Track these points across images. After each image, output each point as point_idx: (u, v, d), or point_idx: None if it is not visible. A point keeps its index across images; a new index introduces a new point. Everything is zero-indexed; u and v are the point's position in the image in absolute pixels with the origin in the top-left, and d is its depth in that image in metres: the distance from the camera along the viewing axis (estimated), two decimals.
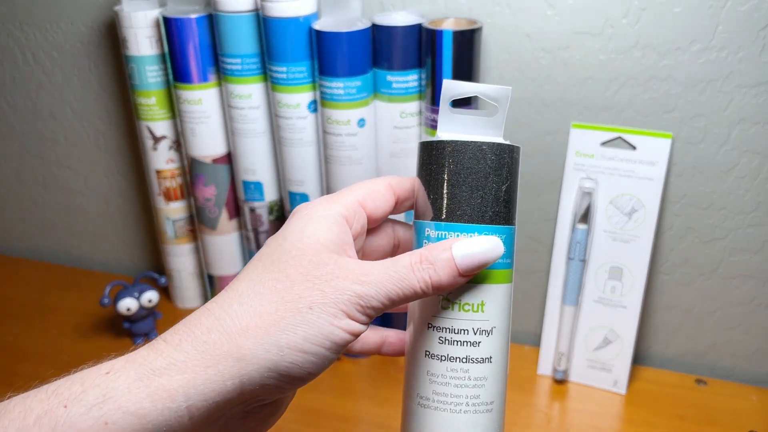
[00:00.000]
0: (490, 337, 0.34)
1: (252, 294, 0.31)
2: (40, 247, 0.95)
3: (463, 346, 0.34)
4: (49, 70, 0.82)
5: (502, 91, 0.34)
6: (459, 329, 0.34)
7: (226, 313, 0.30)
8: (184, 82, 0.68)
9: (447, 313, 0.34)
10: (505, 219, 0.34)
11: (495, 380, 0.34)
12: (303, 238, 0.32)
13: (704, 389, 0.68)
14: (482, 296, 0.34)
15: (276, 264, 0.31)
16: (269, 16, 0.61)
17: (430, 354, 0.34)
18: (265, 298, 0.30)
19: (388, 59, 0.62)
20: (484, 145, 0.33)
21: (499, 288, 0.34)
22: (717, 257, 0.67)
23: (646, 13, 0.59)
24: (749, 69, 0.59)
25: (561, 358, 0.69)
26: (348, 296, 0.30)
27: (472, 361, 0.34)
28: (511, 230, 0.34)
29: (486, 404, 0.34)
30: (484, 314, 0.34)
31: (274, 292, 0.30)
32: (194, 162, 0.72)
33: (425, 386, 0.34)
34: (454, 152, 0.33)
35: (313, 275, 0.31)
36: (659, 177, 0.63)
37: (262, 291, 0.31)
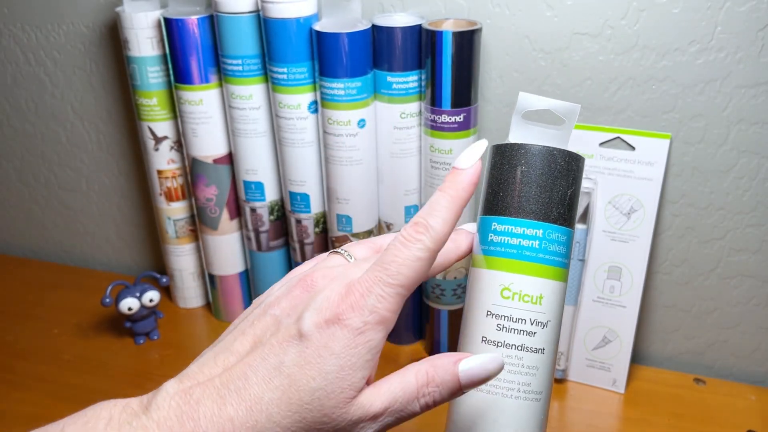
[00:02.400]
0: (545, 330, 0.35)
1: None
2: (41, 247, 0.95)
3: (519, 334, 0.35)
4: (51, 70, 0.83)
5: (571, 107, 0.37)
6: (517, 318, 0.35)
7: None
8: (185, 83, 0.68)
9: (507, 302, 0.35)
10: (566, 221, 0.36)
11: (545, 372, 0.36)
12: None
13: (703, 388, 0.68)
14: (541, 289, 0.35)
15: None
16: (270, 17, 0.61)
17: (486, 340, 0.36)
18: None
19: (388, 60, 0.62)
20: (555, 151, 0.36)
21: (556, 284, 0.36)
22: (716, 257, 0.67)
23: (644, 14, 0.60)
24: (748, 70, 0.59)
25: (560, 358, 0.69)
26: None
27: (527, 350, 0.35)
28: (570, 232, 0.37)
29: (536, 393, 0.36)
30: (541, 307, 0.35)
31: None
32: (195, 162, 0.72)
33: None
34: (527, 154, 0.36)
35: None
36: (658, 177, 0.63)
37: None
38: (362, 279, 0.33)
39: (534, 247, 0.35)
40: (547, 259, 0.35)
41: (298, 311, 0.33)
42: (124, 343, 0.76)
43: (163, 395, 0.31)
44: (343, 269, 0.34)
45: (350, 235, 0.69)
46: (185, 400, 0.31)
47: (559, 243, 0.36)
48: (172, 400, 0.31)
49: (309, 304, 0.33)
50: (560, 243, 0.36)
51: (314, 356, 0.31)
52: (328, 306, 0.32)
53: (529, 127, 0.38)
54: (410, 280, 0.33)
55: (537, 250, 0.35)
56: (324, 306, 0.32)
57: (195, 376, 0.32)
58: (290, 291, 0.34)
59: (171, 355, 0.74)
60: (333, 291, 0.33)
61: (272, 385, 0.31)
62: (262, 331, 0.33)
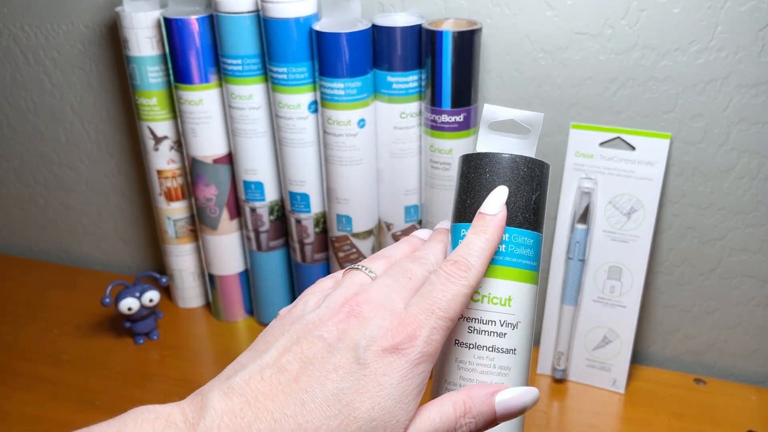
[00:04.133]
0: (515, 330, 0.36)
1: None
2: (40, 247, 0.95)
3: (490, 336, 0.36)
4: (50, 70, 0.82)
5: (535, 117, 0.38)
6: (487, 320, 0.36)
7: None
8: (185, 83, 0.68)
9: (477, 305, 0.36)
10: (533, 225, 0.37)
11: (518, 372, 0.37)
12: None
13: (703, 389, 0.68)
14: (510, 292, 0.36)
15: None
16: (270, 16, 0.61)
17: (459, 342, 0.37)
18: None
19: (388, 60, 0.62)
20: (518, 158, 0.37)
21: (525, 286, 0.37)
22: (716, 257, 0.67)
23: (645, 13, 0.60)
24: (748, 69, 0.59)
25: (560, 358, 0.69)
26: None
27: (498, 351, 0.36)
28: (537, 236, 0.38)
29: None
30: (510, 308, 0.36)
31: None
32: (195, 162, 0.72)
33: (453, 373, 0.37)
34: (492, 162, 0.37)
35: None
36: (658, 177, 0.63)
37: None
38: (415, 312, 0.33)
39: (501, 251, 0.36)
40: (515, 262, 0.37)
41: (351, 337, 0.32)
42: (123, 343, 0.76)
43: (211, 415, 0.30)
44: (384, 295, 0.34)
45: (350, 235, 0.69)
46: (236, 423, 0.30)
47: (526, 246, 0.37)
48: (222, 422, 0.30)
49: (362, 331, 0.32)
50: (527, 246, 0.37)
51: (373, 384, 0.31)
52: (384, 335, 0.32)
53: (495, 137, 0.39)
54: (457, 314, 0.34)
55: (504, 253, 0.36)
56: (380, 335, 0.32)
57: (242, 390, 0.31)
58: (335, 314, 0.34)
59: (171, 355, 0.74)
60: (385, 320, 0.33)
61: (330, 412, 0.31)
62: (311, 352, 0.32)
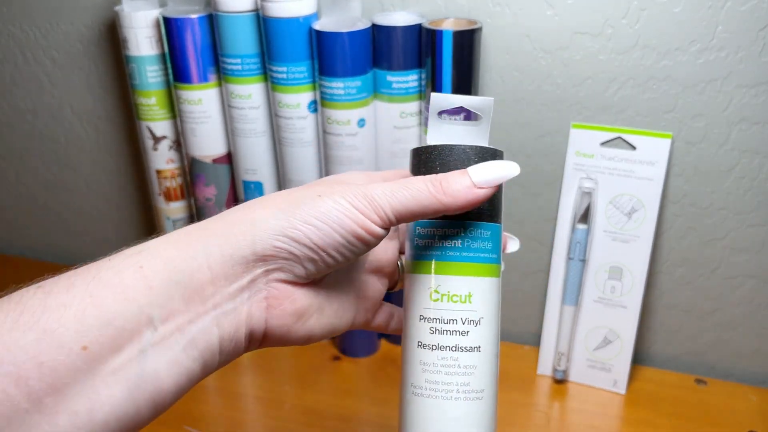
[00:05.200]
0: (478, 327, 0.35)
1: (274, 194, 0.35)
2: (40, 247, 0.95)
3: (452, 335, 0.35)
4: (50, 70, 0.82)
5: (486, 102, 0.36)
6: (448, 319, 0.35)
7: (244, 203, 0.35)
8: (185, 82, 0.68)
9: (437, 305, 0.35)
10: (490, 216, 0.36)
11: (485, 369, 0.36)
12: (334, 175, 0.37)
13: (704, 389, 0.68)
14: (469, 288, 0.35)
15: (303, 185, 0.36)
16: (269, 16, 0.61)
17: (421, 344, 0.36)
18: (284, 193, 0.35)
19: (388, 59, 0.62)
20: (468, 148, 0.36)
21: (485, 281, 0.36)
22: (717, 257, 0.67)
23: (645, 13, 0.59)
24: (749, 69, 0.59)
25: (561, 358, 0.69)
26: (356, 193, 0.33)
27: (462, 350, 0.35)
28: (497, 228, 0.36)
29: (476, 392, 0.35)
30: (471, 305, 0.35)
31: (293, 191, 0.35)
32: (194, 162, 0.72)
33: (418, 375, 0.36)
34: (441, 154, 0.36)
35: (331, 183, 0.35)
36: (659, 177, 0.63)
37: (282, 192, 0.35)
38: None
39: (456, 246, 0.35)
40: (472, 256, 0.35)
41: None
42: None
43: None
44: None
45: None
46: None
47: (483, 239, 0.36)
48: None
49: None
50: (485, 239, 0.36)
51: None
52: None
53: (446, 127, 0.38)
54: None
55: (460, 249, 0.35)
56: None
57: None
58: None
59: None
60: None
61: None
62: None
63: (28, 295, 0.30)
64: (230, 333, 0.33)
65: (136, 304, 0.30)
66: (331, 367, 0.73)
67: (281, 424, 0.66)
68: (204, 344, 0.32)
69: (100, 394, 0.29)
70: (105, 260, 0.32)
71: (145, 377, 0.30)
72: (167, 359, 0.31)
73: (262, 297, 0.34)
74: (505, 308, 0.75)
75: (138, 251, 0.32)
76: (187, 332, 0.31)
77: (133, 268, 0.31)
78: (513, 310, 0.75)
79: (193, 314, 0.31)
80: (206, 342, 0.32)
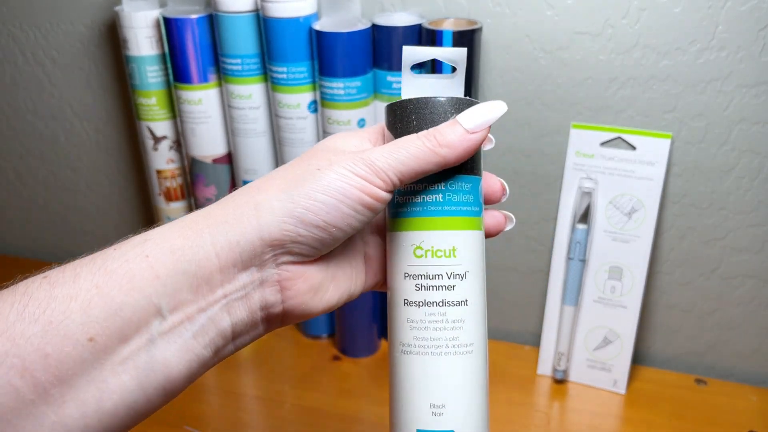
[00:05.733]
0: (464, 281, 0.35)
1: (272, 173, 0.35)
2: (40, 247, 0.95)
3: (438, 290, 0.35)
4: (50, 70, 0.82)
5: (459, 52, 0.36)
6: (433, 275, 0.35)
7: (246, 186, 0.34)
8: (185, 83, 0.68)
9: (421, 261, 0.35)
10: (470, 169, 0.36)
11: (473, 323, 0.36)
12: (321, 143, 0.36)
13: (704, 389, 0.68)
14: (453, 242, 0.35)
15: (294, 159, 0.36)
16: (269, 16, 0.61)
17: (408, 302, 0.36)
18: (281, 171, 0.34)
19: (388, 59, 0.62)
20: (444, 99, 0.35)
21: (469, 234, 0.36)
22: (717, 257, 0.67)
23: (645, 13, 0.59)
24: (749, 69, 0.59)
25: (561, 358, 0.69)
26: (356, 160, 0.33)
27: (449, 305, 0.35)
28: (477, 180, 0.36)
29: (466, 346, 0.35)
30: (456, 259, 0.35)
31: (290, 167, 0.34)
32: (194, 162, 0.72)
33: (406, 333, 0.36)
34: (416, 108, 0.35)
35: (325, 153, 0.34)
36: (659, 177, 0.63)
37: (277, 170, 0.35)
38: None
39: (438, 200, 0.35)
40: (454, 210, 0.35)
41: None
42: None
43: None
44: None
45: None
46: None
47: (464, 192, 0.35)
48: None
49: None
50: (466, 192, 0.36)
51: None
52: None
53: (418, 80, 0.37)
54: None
55: (441, 203, 0.35)
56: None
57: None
58: None
59: None
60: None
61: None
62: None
63: (34, 286, 0.30)
64: (243, 319, 0.33)
65: (143, 294, 0.30)
66: (331, 367, 0.73)
67: (281, 424, 0.66)
68: (215, 331, 0.32)
69: (108, 384, 0.29)
70: (110, 249, 0.32)
71: (154, 366, 0.30)
72: (177, 347, 0.31)
73: (274, 281, 0.34)
74: (505, 308, 0.75)
75: (144, 240, 0.32)
76: (197, 320, 0.31)
77: (140, 257, 0.31)
78: (513, 310, 0.75)
79: (203, 303, 0.31)
80: (217, 329, 0.32)
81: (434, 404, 0.35)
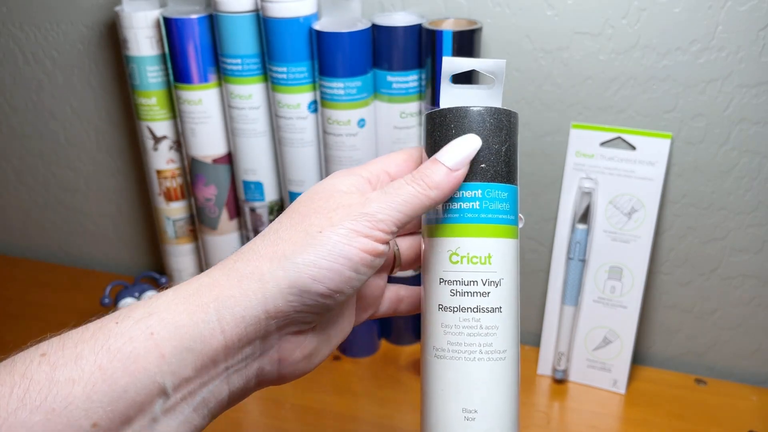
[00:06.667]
0: (498, 288, 0.36)
1: (271, 233, 0.34)
2: (40, 247, 0.95)
3: (473, 296, 0.36)
4: (50, 70, 0.82)
5: (498, 65, 0.36)
6: (469, 281, 0.36)
7: (249, 248, 0.34)
8: (185, 83, 0.68)
9: (456, 267, 0.36)
10: (506, 178, 0.36)
11: (506, 329, 0.36)
12: (319, 186, 0.36)
13: (704, 389, 0.68)
14: (488, 249, 0.36)
15: (293, 208, 0.35)
16: (269, 16, 0.61)
17: (443, 307, 0.36)
18: (282, 233, 0.34)
19: (388, 60, 0.62)
20: (482, 109, 0.36)
21: (504, 242, 0.36)
22: (717, 257, 0.67)
23: (645, 13, 0.59)
24: (749, 69, 0.59)
25: (561, 358, 0.69)
26: (354, 217, 0.33)
27: (483, 311, 0.35)
28: (513, 189, 0.37)
29: (499, 352, 0.36)
30: (491, 266, 0.36)
31: (289, 227, 0.34)
32: (194, 162, 0.72)
33: (440, 338, 0.36)
34: (455, 117, 0.36)
35: (323, 208, 0.34)
36: (659, 177, 0.63)
37: (279, 229, 0.34)
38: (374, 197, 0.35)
39: (475, 208, 0.36)
40: (490, 218, 0.36)
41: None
42: None
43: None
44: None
45: None
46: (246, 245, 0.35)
47: (500, 201, 0.36)
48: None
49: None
50: (502, 200, 0.36)
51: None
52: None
53: (459, 90, 0.37)
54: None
55: (478, 210, 0.36)
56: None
57: (253, 246, 0.35)
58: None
59: None
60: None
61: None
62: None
63: (33, 366, 0.29)
64: (240, 386, 0.33)
65: (148, 374, 0.29)
66: (331, 367, 0.73)
67: (281, 424, 0.66)
68: (214, 402, 0.32)
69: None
70: (112, 323, 0.31)
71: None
72: (178, 422, 0.31)
73: (274, 352, 0.34)
74: None
75: (147, 314, 0.31)
76: (198, 395, 0.31)
77: (144, 335, 0.30)
78: None
79: (206, 378, 0.31)
80: (216, 400, 0.32)
81: (466, 409, 0.35)
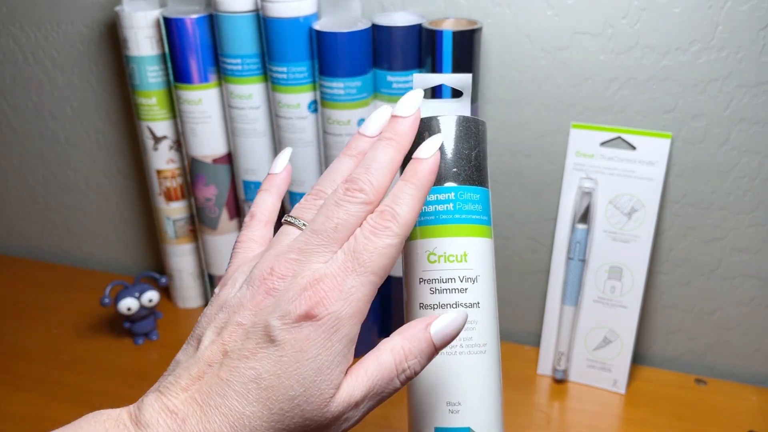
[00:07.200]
0: (475, 284, 0.37)
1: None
2: (40, 247, 0.95)
3: (451, 293, 0.37)
4: (50, 70, 0.82)
5: (464, 78, 0.39)
6: (447, 278, 0.37)
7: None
8: (185, 83, 0.68)
9: (434, 266, 0.37)
10: (477, 181, 0.38)
11: (485, 324, 0.37)
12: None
13: (704, 389, 0.68)
14: (464, 248, 0.37)
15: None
16: (269, 16, 0.61)
17: (423, 305, 0.38)
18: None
19: (388, 59, 0.62)
20: (454, 117, 0.38)
21: (479, 241, 0.38)
22: (717, 257, 0.67)
23: (645, 13, 0.60)
24: (749, 69, 0.59)
25: (561, 358, 0.69)
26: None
27: (462, 306, 0.37)
28: (484, 191, 0.39)
29: (479, 346, 0.37)
30: (467, 263, 0.37)
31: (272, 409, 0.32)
32: (195, 162, 0.72)
33: None
34: (429, 126, 0.38)
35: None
36: (659, 177, 0.63)
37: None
38: (333, 270, 0.32)
39: (449, 209, 0.37)
40: (464, 218, 0.37)
41: (264, 318, 0.32)
42: (123, 343, 0.76)
43: (150, 411, 0.31)
44: (304, 256, 0.33)
45: None
46: (172, 419, 0.31)
47: (473, 202, 0.38)
48: (160, 418, 0.31)
49: (275, 310, 0.32)
50: (474, 202, 0.38)
51: (290, 363, 0.31)
52: (294, 305, 0.31)
53: (430, 103, 0.40)
54: (385, 269, 0.33)
55: (452, 212, 0.37)
56: (291, 308, 0.31)
57: (174, 390, 0.32)
58: (254, 295, 0.33)
59: (170, 356, 0.74)
60: (297, 288, 0.32)
61: (251, 398, 0.31)
62: (231, 340, 0.32)
63: None
64: None
65: None
66: None
67: None
68: None
69: None
70: None
71: None
72: None
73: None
74: (505, 308, 0.75)
75: None
76: None
77: None
78: (513, 310, 0.75)
79: None
80: None
81: (450, 402, 0.37)
